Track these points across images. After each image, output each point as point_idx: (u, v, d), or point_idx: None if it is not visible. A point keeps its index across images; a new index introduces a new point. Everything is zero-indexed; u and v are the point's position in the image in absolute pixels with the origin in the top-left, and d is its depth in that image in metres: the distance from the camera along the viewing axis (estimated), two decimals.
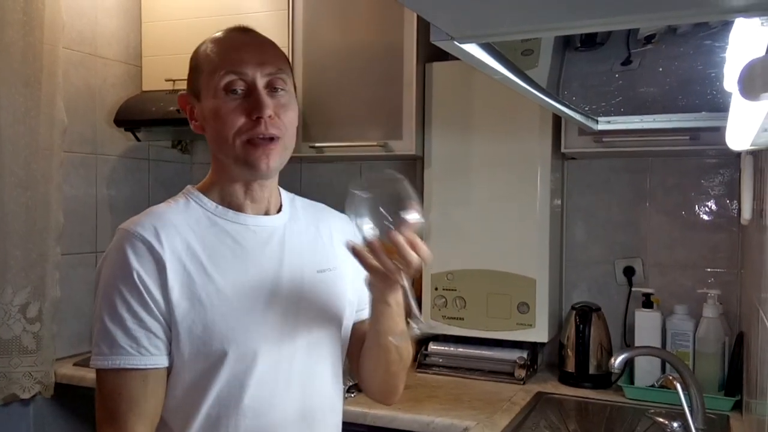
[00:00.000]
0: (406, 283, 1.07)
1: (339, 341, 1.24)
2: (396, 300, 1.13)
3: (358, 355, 1.27)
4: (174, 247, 1.08)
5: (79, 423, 2.33)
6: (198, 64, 1.16)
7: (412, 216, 1.03)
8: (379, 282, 1.08)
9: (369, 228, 1.04)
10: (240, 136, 1.11)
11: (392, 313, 1.14)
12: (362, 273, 1.19)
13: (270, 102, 1.12)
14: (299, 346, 1.15)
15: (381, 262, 1.03)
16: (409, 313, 1.09)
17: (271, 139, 1.12)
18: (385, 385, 1.29)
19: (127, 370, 1.05)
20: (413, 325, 1.07)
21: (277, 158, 1.13)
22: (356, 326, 1.28)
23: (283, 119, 1.13)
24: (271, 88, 1.13)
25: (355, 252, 1.05)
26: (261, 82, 1.12)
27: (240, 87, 1.11)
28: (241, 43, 1.15)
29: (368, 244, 1.03)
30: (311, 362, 1.17)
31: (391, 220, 1.03)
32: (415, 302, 1.08)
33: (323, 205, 1.34)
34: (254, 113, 1.10)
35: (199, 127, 1.17)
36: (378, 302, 1.13)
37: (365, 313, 1.25)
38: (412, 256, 1.02)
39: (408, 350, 1.25)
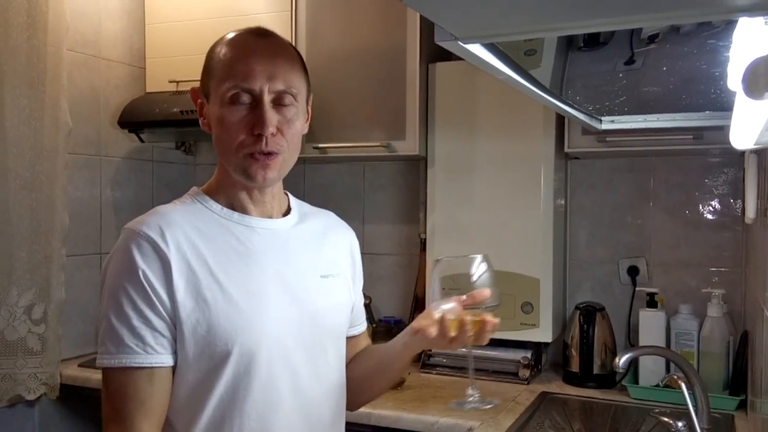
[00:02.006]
0: (472, 356, 1.17)
1: (342, 344, 1.26)
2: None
3: (345, 366, 1.31)
4: (179, 246, 1.09)
5: (85, 424, 2.33)
6: (210, 66, 1.16)
7: (492, 299, 1.12)
8: (440, 344, 1.14)
9: (446, 295, 1.13)
10: (241, 149, 1.11)
11: (413, 356, 1.25)
12: (359, 287, 1.34)
13: (274, 118, 1.11)
14: (303, 348, 1.16)
15: (461, 333, 1.10)
16: (469, 383, 1.17)
17: (271, 154, 1.12)
18: (362, 399, 1.35)
19: (133, 369, 1.05)
20: (469, 398, 1.15)
21: (275, 172, 1.14)
22: (347, 340, 1.30)
23: (286, 134, 1.13)
24: (279, 101, 1.12)
25: (444, 322, 1.11)
26: (268, 96, 1.11)
27: (246, 99, 1.11)
28: (253, 52, 1.12)
29: (461, 320, 1.09)
30: (315, 364, 1.18)
31: (466, 293, 1.12)
32: (474, 376, 1.17)
33: (332, 214, 1.36)
34: (256, 129, 1.10)
35: (206, 125, 1.18)
36: (413, 350, 1.22)
37: (358, 330, 1.35)
38: (487, 338, 1.11)
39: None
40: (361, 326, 1.36)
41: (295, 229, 1.23)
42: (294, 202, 1.28)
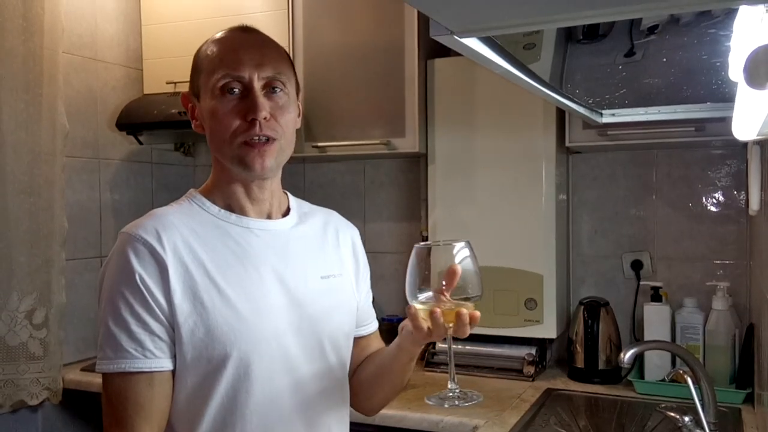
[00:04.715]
0: (451, 350, 1.12)
1: (345, 345, 1.24)
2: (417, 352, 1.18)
3: (354, 369, 1.29)
4: (176, 249, 1.08)
5: (88, 428, 2.33)
6: (198, 64, 1.17)
7: (474, 289, 1.06)
8: (420, 337, 1.09)
9: (426, 287, 1.06)
10: (236, 137, 1.11)
11: (411, 358, 1.19)
12: (365, 284, 1.30)
13: (266, 104, 1.11)
14: (303, 350, 1.15)
15: (435, 325, 1.04)
16: (449, 377, 1.13)
17: (267, 140, 1.11)
18: (373, 404, 1.32)
19: (132, 374, 1.04)
20: (449, 393, 1.11)
21: (272, 159, 1.13)
22: (356, 341, 1.29)
23: (280, 121, 1.13)
24: (269, 89, 1.13)
25: (409, 311, 1.07)
26: (258, 83, 1.11)
27: (237, 88, 1.11)
28: (240, 44, 1.14)
29: (432, 311, 1.03)
30: (316, 366, 1.17)
31: (446, 284, 1.05)
32: (454, 369, 1.12)
33: (334, 213, 1.34)
34: (249, 115, 1.10)
35: (199, 126, 1.18)
36: (406, 350, 1.17)
37: (366, 330, 1.32)
38: (467, 331, 1.06)
39: (407, 379, 1.29)
40: (370, 327, 1.33)
41: (295, 230, 1.22)
42: (294, 201, 1.27)
